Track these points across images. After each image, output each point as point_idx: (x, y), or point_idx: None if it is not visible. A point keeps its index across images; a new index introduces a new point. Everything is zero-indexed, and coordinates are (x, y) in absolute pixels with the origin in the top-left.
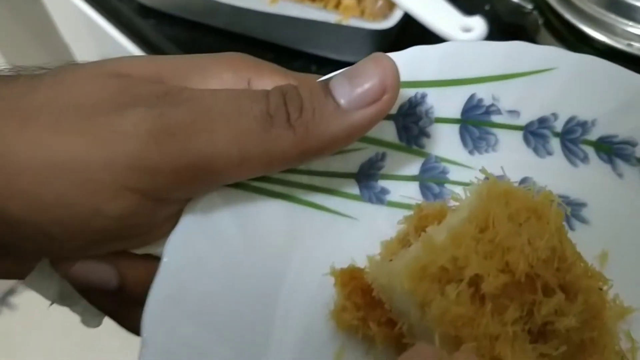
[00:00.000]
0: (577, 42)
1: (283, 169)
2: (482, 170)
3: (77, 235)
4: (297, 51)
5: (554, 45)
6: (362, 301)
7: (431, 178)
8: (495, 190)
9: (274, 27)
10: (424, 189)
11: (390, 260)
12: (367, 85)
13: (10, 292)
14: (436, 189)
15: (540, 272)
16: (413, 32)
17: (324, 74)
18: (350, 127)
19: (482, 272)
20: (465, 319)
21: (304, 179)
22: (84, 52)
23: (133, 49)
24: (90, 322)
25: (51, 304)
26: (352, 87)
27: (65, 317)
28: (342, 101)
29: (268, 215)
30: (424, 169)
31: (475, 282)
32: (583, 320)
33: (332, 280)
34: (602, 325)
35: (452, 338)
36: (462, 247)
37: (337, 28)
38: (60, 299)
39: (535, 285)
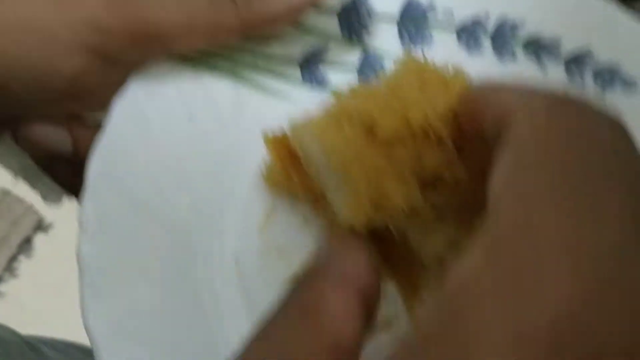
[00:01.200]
0: None
1: (227, 40)
2: (405, 51)
3: (37, 91)
4: None
5: None
6: (289, 162)
7: (370, 70)
8: (411, 64)
9: None
10: (364, 81)
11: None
12: None
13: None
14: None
15: (435, 127)
16: None
17: None
18: (289, 5)
19: (381, 120)
20: (356, 154)
21: (248, 59)
22: None
23: None
24: (50, 196)
25: (15, 176)
26: None
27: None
28: None
29: (212, 89)
30: (363, 63)
31: (373, 130)
32: (473, 175)
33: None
34: None
35: (345, 176)
36: (368, 101)
37: None
38: (23, 173)
39: (429, 138)
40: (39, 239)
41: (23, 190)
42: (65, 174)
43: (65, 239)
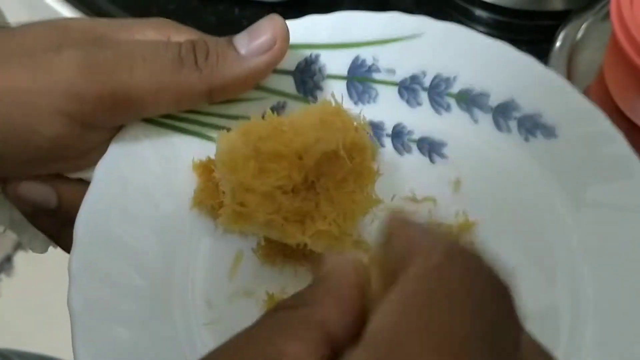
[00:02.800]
0: None
1: (193, 105)
2: (332, 95)
3: (19, 153)
4: None
5: None
6: (214, 186)
7: None
8: (326, 107)
9: None
10: None
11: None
12: (261, 38)
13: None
14: None
15: (309, 157)
16: None
17: (246, 16)
18: (249, 70)
19: (266, 141)
20: (237, 169)
21: (215, 120)
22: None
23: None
24: (37, 247)
25: (4, 230)
26: (250, 40)
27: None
28: (242, 50)
29: (181, 149)
30: None
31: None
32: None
33: None
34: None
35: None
36: (269, 126)
37: None
38: (11, 225)
39: (302, 166)
40: (20, 258)
41: None
42: (50, 225)
43: (45, 258)
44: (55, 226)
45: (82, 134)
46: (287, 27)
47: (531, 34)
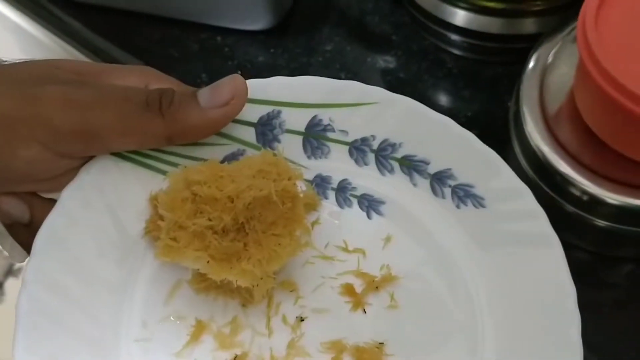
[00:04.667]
0: None
1: (155, 145)
2: (278, 149)
3: (0, 172)
4: (203, 25)
5: None
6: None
7: None
8: (266, 157)
9: (180, 2)
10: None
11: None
12: (221, 93)
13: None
14: None
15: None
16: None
17: (228, 43)
18: (206, 120)
19: (203, 186)
20: (174, 207)
21: (176, 160)
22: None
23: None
24: (16, 257)
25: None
26: (211, 94)
27: None
28: (203, 102)
29: (142, 182)
30: None
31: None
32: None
33: None
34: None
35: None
36: (210, 171)
37: None
38: None
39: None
40: (10, 284)
41: None
42: (25, 237)
43: None
44: (29, 238)
45: (55, 160)
46: (246, 86)
47: (505, 56)
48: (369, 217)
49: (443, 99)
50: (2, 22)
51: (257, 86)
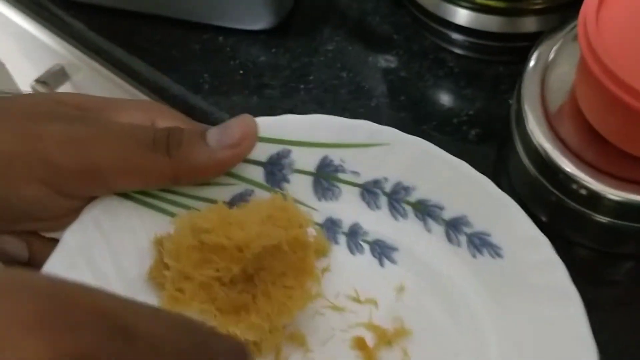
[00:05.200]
0: None
1: (161, 186)
2: (285, 192)
3: (1, 210)
4: (205, 25)
5: None
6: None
7: None
8: (276, 201)
9: (182, 2)
10: None
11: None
12: (231, 134)
13: None
14: None
15: (248, 251)
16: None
17: (230, 44)
18: (214, 162)
19: (210, 234)
20: (181, 256)
21: (183, 200)
22: (4, 50)
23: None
24: None
25: None
26: (220, 135)
27: None
28: (212, 143)
29: (147, 223)
30: None
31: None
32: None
33: None
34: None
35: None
36: (216, 221)
37: None
38: None
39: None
40: None
41: None
42: None
43: None
44: None
45: (56, 199)
46: (256, 126)
47: (506, 54)
48: (381, 264)
49: (445, 98)
50: (3, 23)
51: (266, 124)
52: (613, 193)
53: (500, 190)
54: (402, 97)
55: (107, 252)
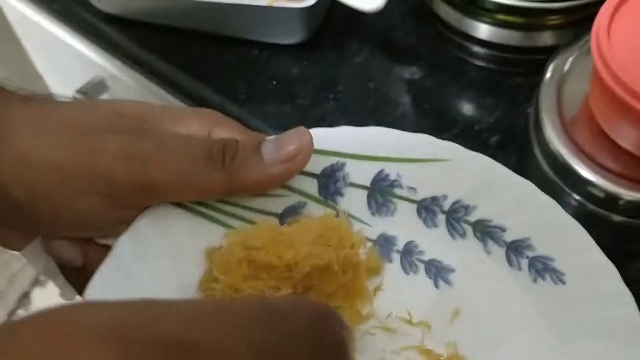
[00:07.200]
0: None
1: (214, 198)
2: (338, 207)
3: (58, 219)
4: (240, 40)
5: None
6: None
7: None
8: (328, 220)
9: (220, 19)
10: None
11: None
12: (287, 148)
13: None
14: None
15: (297, 273)
16: (341, 11)
17: (265, 57)
18: (269, 176)
19: (260, 251)
20: (231, 271)
21: (236, 210)
22: (43, 62)
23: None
24: (66, 294)
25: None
26: (276, 148)
27: None
28: (266, 157)
29: (200, 232)
30: None
31: (262, 266)
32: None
33: None
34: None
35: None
36: (267, 234)
37: (269, 11)
38: (46, 272)
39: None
40: (37, 294)
41: None
42: (77, 279)
43: None
44: (81, 281)
45: (112, 210)
46: (312, 140)
47: (524, 66)
48: (436, 285)
49: (466, 107)
50: (43, 36)
51: (321, 136)
52: (626, 193)
53: (567, 214)
54: (426, 105)
55: (159, 259)
